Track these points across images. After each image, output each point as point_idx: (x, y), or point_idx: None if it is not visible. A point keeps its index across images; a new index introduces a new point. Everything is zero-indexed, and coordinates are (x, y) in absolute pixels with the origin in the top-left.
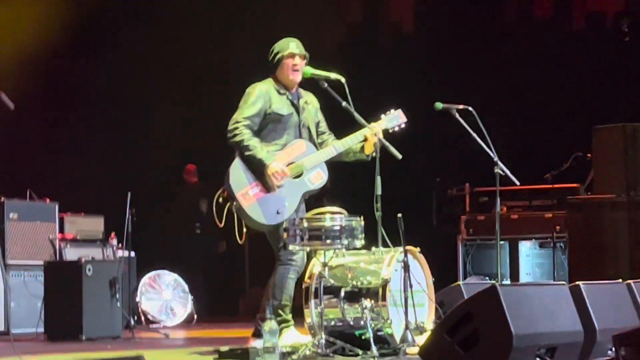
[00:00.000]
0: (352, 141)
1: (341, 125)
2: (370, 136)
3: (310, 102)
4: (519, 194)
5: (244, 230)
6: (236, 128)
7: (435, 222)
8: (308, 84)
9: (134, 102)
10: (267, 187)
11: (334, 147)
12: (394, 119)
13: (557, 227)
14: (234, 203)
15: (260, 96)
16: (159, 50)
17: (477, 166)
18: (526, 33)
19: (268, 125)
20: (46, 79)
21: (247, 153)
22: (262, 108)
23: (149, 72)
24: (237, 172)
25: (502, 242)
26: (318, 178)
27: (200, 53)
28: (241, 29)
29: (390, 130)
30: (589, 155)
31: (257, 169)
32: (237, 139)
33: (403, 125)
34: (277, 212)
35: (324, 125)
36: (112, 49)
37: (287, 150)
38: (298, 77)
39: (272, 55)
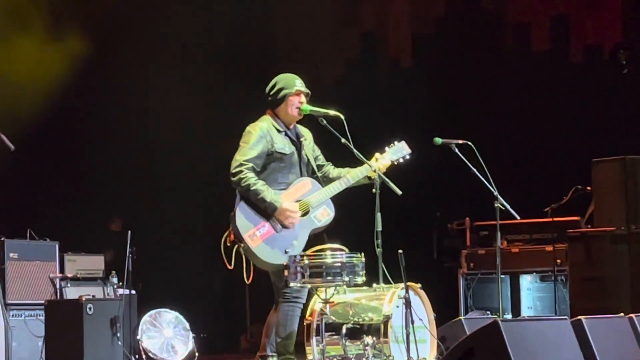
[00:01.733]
0: (354, 179)
1: (340, 158)
2: (371, 173)
3: (306, 137)
4: (520, 227)
5: (251, 269)
6: (240, 171)
7: (436, 257)
8: (305, 119)
9: (134, 140)
10: (274, 227)
11: (338, 184)
12: (399, 150)
13: (558, 261)
14: (242, 245)
15: (263, 136)
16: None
17: (477, 200)
18: (524, 66)
19: (270, 164)
20: (46, 119)
21: (256, 197)
22: (263, 149)
23: (149, 108)
24: (243, 214)
25: (503, 276)
26: (325, 215)
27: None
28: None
29: (396, 163)
30: (588, 188)
31: (264, 210)
32: (244, 184)
33: (408, 157)
34: (285, 252)
35: (322, 158)
36: (112, 87)
37: (292, 189)
38: (299, 115)
39: (276, 90)
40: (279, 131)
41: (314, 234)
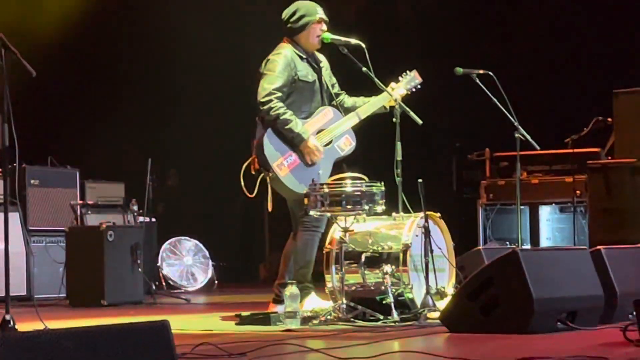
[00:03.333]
0: (373, 107)
1: (357, 88)
2: (390, 101)
3: (324, 64)
4: (539, 158)
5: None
6: (270, 100)
7: (456, 188)
8: (327, 48)
9: (158, 68)
10: (301, 157)
11: (358, 114)
12: (411, 80)
13: (578, 192)
14: (270, 173)
15: (287, 64)
16: (185, 23)
17: (497, 131)
18: None
19: (294, 93)
20: (69, 45)
21: (284, 127)
22: (289, 77)
23: (174, 39)
24: (271, 143)
25: (522, 207)
26: (347, 144)
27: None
28: None
29: (409, 92)
30: (609, 119)
31: (291, 140)
32: (273, 112)
33: (419, 86)
34: (313, 181)
35: (337, 87)
36: (135, 18)
37: (315, 118)
38: (320, 43)
39: (297, 17)
40: (301, 58)
41: (334, 164)
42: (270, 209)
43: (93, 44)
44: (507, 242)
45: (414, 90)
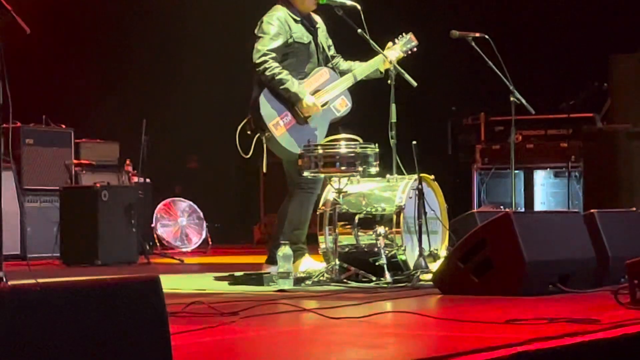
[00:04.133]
0: (369, 69)
1: (353, 50)
2: (386, 63)
3: (320, 26)
4: (535, 123)
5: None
6: (265, 61)
7: (451, 151)
8: (322, 10)
9: (152, 28)
10: (296, 117)
11: (354, 75)
12: (407, 42)
13: (573, 157)
14: (266, 133)
15: (282, 26)
16: None
17: (492, 95)
18: None
19: (289, 54)
20: (63, 4)
21: (280, 87)
22: (284, 39)
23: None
24: (267, 102)
25: (516, 171)
26: (343, 105)
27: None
28: None
29: (404, 55)
30: (605, 84)
31: (287, 99)
32: (269, 73)
33: (415, 49)
34: (309, 141)
35: (333, 49)
36: None
37: (311, 78)
38: (315, 4)
39: None
40: (295, 20)
41: (329, 125)
42: (264, 170)
43: (88, 3)
44: (502, 206)
45: (409, 52)
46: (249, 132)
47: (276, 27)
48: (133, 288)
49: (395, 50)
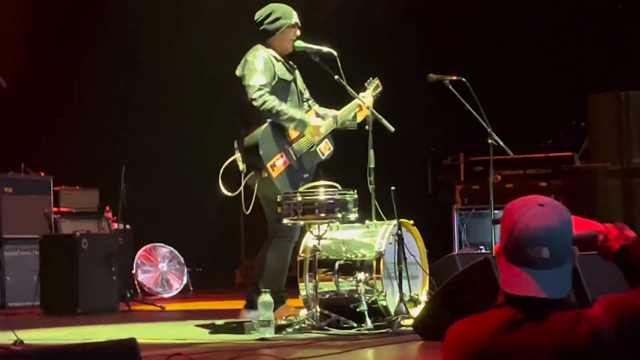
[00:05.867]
0: (347, 113)
1: (328, 97)
2: (363, 108)
3: (296, 71)
4: (514, 163)
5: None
6: (262, 95)
7: (431, 192)
8: (298, 55)
9: (130, 73)
10: (289, 158)
11: (335, 119)
12: (376, 87)
13: (552, 196)
14: (263, 174)
15: (267, 62)
16: (156, 30)
17: (472, 136)
18: (521, 1)
19: (273, 92)
20: (40, 53)
21: (284, 117)
22: (271, 74)
23: (145, 45)
24: (267, 142)
25: (496, 212)
26: (327, 148)
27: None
28: None
29: (374, 99)
30: (583, 123)
31: (283, 135)
32: (268, 105)
33: (380, 95)
34: (301, 183)
35: (307, 93)
36: (107, 25)
37: None
38: (292, 47)
39: (272, 19)
40: (277, 59)
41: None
42: (247, 211)
43: (64, 50)
44: (482, 247)
45: (376, 98)
46: (241, 170)
47: (262, 63)
48: (110, 351)
49: (368, 95)
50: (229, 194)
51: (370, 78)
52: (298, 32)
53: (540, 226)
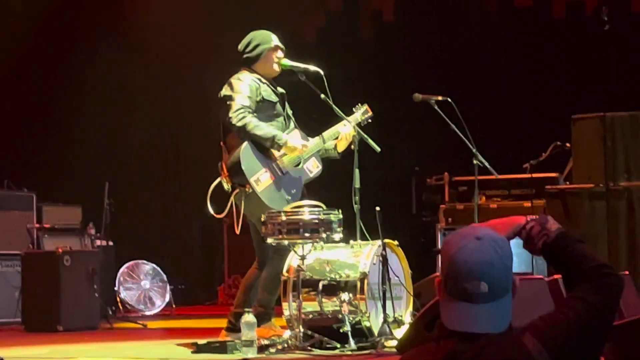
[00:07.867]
0: (333, 133)
1: (315, 117)
2: (343, 139)
3: (285, 95)
4: (498, 183)
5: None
6: (240, 112)
7: (415, 211)
8: (286, 75)
9: (113, 90)
10: (274, 173)
11: (322, 137)
12: (364, 112)
13: (536, 216)
14: (247, 189)
15: (251, 84)
16: (140, 43)
17: (456, 155)
18: (506, 22)
19: (258, 113)
20: (23, 67)
21: (259, 133)
22: (255, 97)
23: (130, 61)
24: (248, 158)
25: None
26: (315, 167)
27: (180, 44)
28: (219, 17)
29: (363, 124)
30: (567, 144)
31: (266, 152)
32: (245, 121)
33: (370, 120)
34: (288, 198)
35: (293, 121)
36: (92, 41)
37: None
38: (278, 69)
39: (252, 47)
40: (262, 82)
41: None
42: (238, 230)
43: (46, 65)
44: None
45: (365, 123)
46: (228, 187)
47: (246, 85)
48: None
49: (356, 118)
50: (217, 215)
51: (359, 104)
52: (281, 54)
53: (477, 261)
